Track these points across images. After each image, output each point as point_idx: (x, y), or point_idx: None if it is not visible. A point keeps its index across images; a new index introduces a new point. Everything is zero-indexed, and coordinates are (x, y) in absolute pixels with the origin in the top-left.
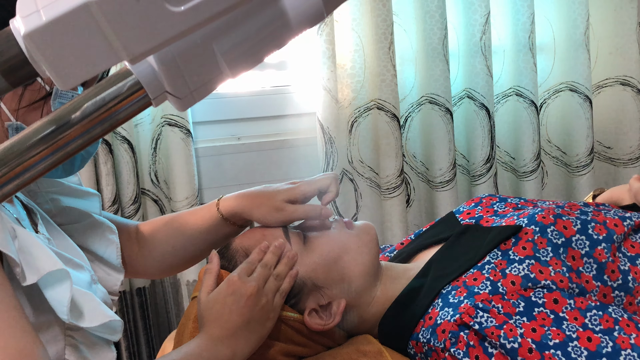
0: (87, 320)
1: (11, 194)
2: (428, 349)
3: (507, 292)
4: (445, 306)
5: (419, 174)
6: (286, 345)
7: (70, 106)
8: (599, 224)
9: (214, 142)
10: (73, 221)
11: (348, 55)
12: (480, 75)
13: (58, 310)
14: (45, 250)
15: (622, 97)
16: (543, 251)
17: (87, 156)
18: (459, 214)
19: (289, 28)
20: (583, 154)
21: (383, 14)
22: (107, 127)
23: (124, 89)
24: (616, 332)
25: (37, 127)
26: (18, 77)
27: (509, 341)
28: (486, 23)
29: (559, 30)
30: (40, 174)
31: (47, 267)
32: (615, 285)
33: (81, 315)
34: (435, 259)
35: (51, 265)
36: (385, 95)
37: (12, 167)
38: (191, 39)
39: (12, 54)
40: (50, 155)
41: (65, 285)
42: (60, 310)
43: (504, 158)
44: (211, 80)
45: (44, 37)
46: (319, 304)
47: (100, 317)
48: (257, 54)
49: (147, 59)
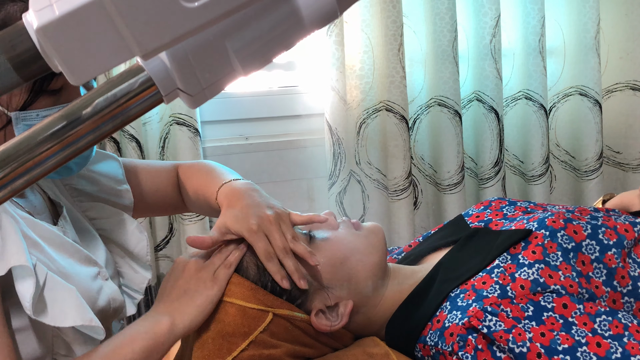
0: (56, 319)
1: (21, 189)
2: (435, 352)
3: (516, 296)
4: (454, 309)
5: (427, 177)
6: (292, 346)
7: (82, 102)
8: (610, 229)
9: (222, 142)
10: (105, 217)
11: (357, 56)
12: (490, 78)
13: (24, 305)
14: (19, 244)
15: (632, 102)
16: (553, 255)
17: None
18: (467, 216)
19: (302, 26)
20: (592, 158)
21: (393, 15)
22: (118, 123)
23: (135, 85)
24: (626, 337)
25: (48, 122)
26: (30, 71)
27: (518, 345)
28: (496, 26)
29: (569, 34)
30: (51, 170)
31: (13, 262)
32: (625, 291)
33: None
34: (443, 261)
35: (16, 260)
36: (394, 97)
37: (23, 162)
38: (204, 36)
39: (24, 48)
40: (60, 150)
41: (30, 281)
42: (25, 305)
43: (512, 161)
44: (223, 78)
45: (57, 32)
46: (325, 304)
47: (72, 319)
48: (269, 52)
49: (159, 56)
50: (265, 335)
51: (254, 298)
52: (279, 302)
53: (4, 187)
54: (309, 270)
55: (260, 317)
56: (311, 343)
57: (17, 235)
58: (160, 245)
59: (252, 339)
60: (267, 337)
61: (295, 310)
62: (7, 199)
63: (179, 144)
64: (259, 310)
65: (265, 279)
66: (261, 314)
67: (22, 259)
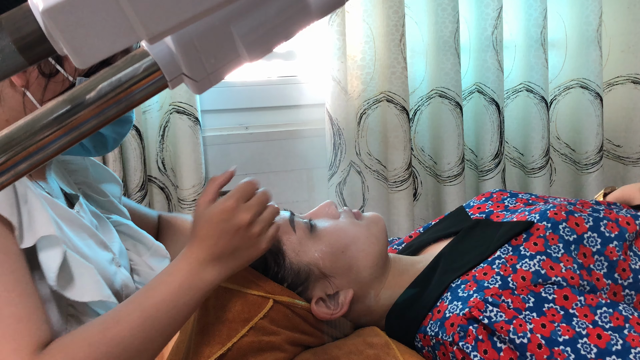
0: (76, 293)
1: (24, 174)
2: (436, 342)
3: (517, 287)
4: (455, 300)
5: (427, 168)
6: (292, 334)
7: (86, 86)
8: (611, 222)
9: (222, 131)
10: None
11: (358, 46)
12: (491, 70)
13: (47, 276)
14: (47, 216)
15: (633, 95)
16: (554, 247)
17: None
18: (469, 208)
19: (309, 13)
20: (592, 151)
21: (395, 5)
22: (123, 108)
23: (140, 70)
24: (626, 330)
25: (52, 106)
26: (35, 54)
27: (518, 336)
28: (498, 17)
29: (571, 27)
30: (54, 154)
31: (42, 232)
32: (626, 283)
33: (71, 287)
34: (444, 252)
35: (45, 231)
36: (395, 87)
37: (26, 147)
38: (210, 20)
39: (29, 30)
40: (64, 135)
41: (57, 251)
42: (48, 276)
43: (512, 154)
44: (228, 64)
45: (63, 14)
46: (326, 293)
47: (90, 294)
48: (274, 38)
49: (164, 41)
50: (265, 322)
51: (254, 284)
52: (280, 289)
53: (7, 171)
54: (309, 257)
55: (260, 304)
56: (311, 331)
57: (43, 208)
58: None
59: (252, 325)
60: (267, 324)
61: (295, 298)
62: (10, 183)
63: (178, 132)
64: (259, 296)
65: (266, 265)
66: (262, 301)
67: (50, 229)
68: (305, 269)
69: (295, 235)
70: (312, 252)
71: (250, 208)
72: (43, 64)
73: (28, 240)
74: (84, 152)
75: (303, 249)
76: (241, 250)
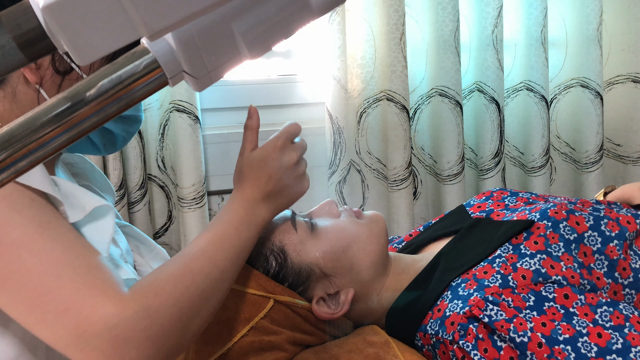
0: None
1: (24, 171)
2: (436, 341)
3: (517, 285)
4: (455, 298)
5: (427, 167)
6: (293, 333)
7: (86, 83)
8: (612, 221)
9: (222, 130)
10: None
11: (359, 45)
12: (491, 68)
13: (99, 247)
14: (86, 191)
15: (633, 95)
16: (555, 246)
17: (129, 137)
18: (469, 207)
19: (309, 11)
20: (592, 150)
21: (395, 4)
22: (123, 105)
23: (140, 67)
24: (627, 328)
25: (52, 104)
26: (35, 50)
27: (519, 335)
28: (498, 16)
29: (571, 26)
30: (54, 152)
31: (94, 203)
32: (626, 282)
33: None
34: (445, 251)
35: (96, 202)
36: (395, 86)
37: (26, 144)
38: (211, 17)
39: (29, 26)
40: (64, 132)
41: (108, 218)
42: (101, 247)
43: (512, 153)
44: (229, 61)
45: (63, 10)
46: (327, 292)
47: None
48: (275, 35)
49: (164, 38)
50: (265, 322)
51: (255, 284)
52: (280, 289)
53: (7, 168)
54: (310, 257)
55: (261, 303)
56: (311, 331)
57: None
58: (159, 232)
59: (253, 325)
60: (267, 324)
61: (296, 297)
62: (9, 181)
63: (178, 130)
64: (260, 296)
65: (267, 265)
66: (262, 300)
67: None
68: (307, 268)
69: (297, 235)
70: (313, 251)
71: (298, 148)
72: (58, 61)
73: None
74: (94, 151)
75: (304, 248)
76: (289, 188)
